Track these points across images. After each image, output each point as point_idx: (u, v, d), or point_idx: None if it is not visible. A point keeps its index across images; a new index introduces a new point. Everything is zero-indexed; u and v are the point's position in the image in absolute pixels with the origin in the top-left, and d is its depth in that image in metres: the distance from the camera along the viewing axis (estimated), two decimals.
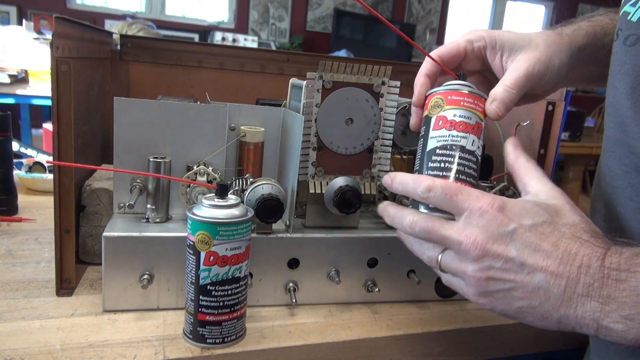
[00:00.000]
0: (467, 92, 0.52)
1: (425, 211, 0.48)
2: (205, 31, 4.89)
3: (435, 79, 0.57)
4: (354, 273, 0.66)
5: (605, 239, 0.43)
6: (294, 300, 0.62)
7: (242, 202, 0.56)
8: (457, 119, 0.50)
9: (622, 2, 0.53)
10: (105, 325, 0.57)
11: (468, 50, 0.57)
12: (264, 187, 0.60)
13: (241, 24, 5.17)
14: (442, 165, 0.50)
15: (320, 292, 0.66)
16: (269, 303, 0.64)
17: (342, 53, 4.56)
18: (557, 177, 3.49)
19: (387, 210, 0.51)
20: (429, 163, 0.50)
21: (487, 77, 0.61)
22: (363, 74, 0.63)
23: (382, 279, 0.67)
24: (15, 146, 1.42)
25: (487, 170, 0.82)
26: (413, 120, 0.57)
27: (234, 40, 4.76)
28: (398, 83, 0.64)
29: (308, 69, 0.62)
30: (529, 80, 0.53)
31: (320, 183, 0.64)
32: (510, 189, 0.71)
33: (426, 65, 0.57)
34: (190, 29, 4.92)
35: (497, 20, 6.23)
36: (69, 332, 0.55)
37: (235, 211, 0.52)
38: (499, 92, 0.53)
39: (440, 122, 0.51)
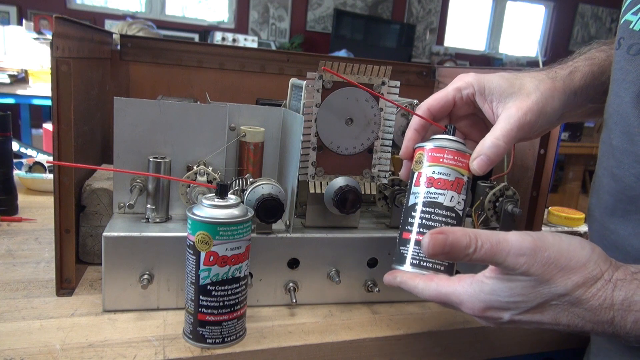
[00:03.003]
0: (448, 149, 0.53)
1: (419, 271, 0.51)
2: (205, 31, 4.89)
3: (425, 132, 0.57)
4: (354, 273, 0.66)
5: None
6: (294, 300, 0.62)
7: (242, 202, 0.56)
8: (436, 176, 0.52)
9: (623, 10, 0.53)
10: (105, 325, 0.57)
11: (457, 99, 0.57)
12: (264, 187, 0.60)
13: (241, 24, 5.17)
14: (421, 221, 0.52)
15: (320, 292, 0.66)
16: (269, 303, 0.64)
17: (342, 53, 4.56)
18: (557, 177, 3.49)
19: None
20: (409, 218, 0.53)
21: (481, 119, 0.59)
22: (363, 74, 0.63)
23: (382, 279, 0.67)
24: (15, 146, 1.42)
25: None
26: (402, 171, 0.58)
27: (234, 40, 4.76)
28: (398, 83, 0.64)
29: (308, 69, 0.61)
30: (520, 130, 0.52)
31: (320, 183, 0.64)
32: (510, 189, 0.71)
33: (415, 119, 0.57)
34: (190, 29, 4.92)
35: (497, 20, 6.23)
36: (69, 332, 0.55)
37: (235, 211, 0.52)
38: (485, 147, 0.52)
39: (421, 178, 0.53)
